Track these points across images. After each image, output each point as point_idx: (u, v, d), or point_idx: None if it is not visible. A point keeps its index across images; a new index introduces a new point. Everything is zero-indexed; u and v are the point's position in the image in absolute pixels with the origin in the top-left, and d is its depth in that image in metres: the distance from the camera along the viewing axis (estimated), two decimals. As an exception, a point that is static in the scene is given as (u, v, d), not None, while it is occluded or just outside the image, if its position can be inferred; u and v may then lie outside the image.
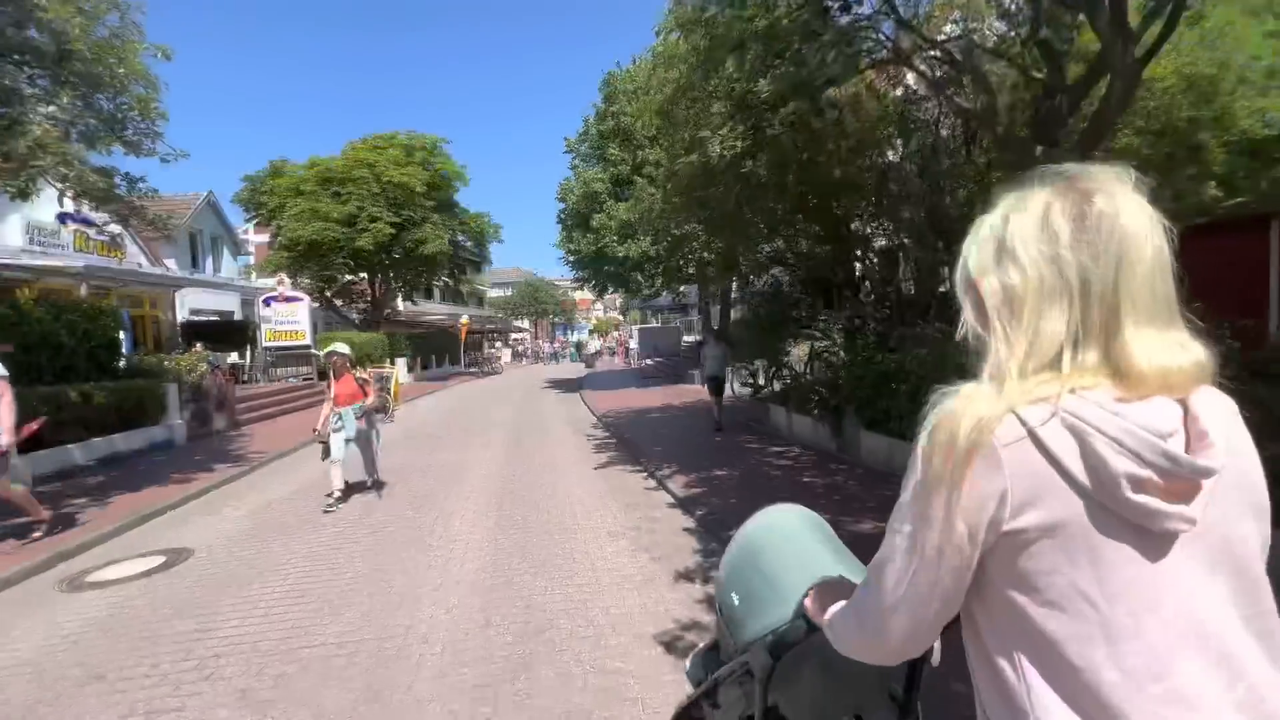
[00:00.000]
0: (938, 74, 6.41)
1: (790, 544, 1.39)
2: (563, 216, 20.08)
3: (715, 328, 9.37)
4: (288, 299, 19.51)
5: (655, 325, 32.67)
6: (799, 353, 11.56)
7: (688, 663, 1.69)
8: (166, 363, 13.41)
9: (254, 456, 9.96)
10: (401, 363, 25.93)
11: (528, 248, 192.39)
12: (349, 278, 26.95)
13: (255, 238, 36.94)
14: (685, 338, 26.25)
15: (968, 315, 0.83)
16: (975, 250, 0.82)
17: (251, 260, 33.45)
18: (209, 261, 25.56)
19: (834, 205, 7.84)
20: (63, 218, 15.42)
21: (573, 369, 33.19)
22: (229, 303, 25.05)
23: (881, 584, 0.83)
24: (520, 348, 45.29)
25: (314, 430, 6.71)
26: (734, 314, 24.21)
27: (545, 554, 4.90)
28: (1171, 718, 0.69)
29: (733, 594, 1.39)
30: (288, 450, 10.58)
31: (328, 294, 26.61)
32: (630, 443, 9.62)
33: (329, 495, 6.56)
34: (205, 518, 6.60)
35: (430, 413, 15.72)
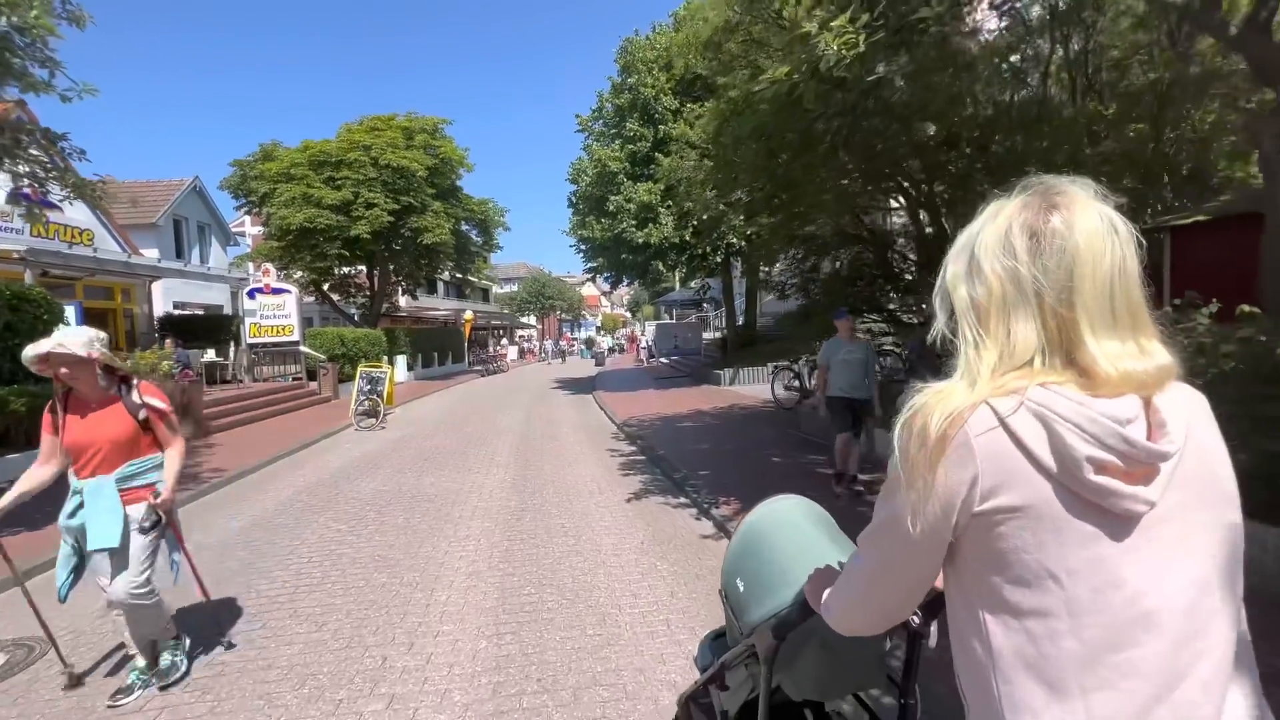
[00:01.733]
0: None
1: (792, 533, 1.43)
2: (575, 200, 18.24)
3: (845, 307, 5.80)
4: (274, 290, 17.78)
5: (669, 321, 30.79)
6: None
7: (695, 650, 1.77)
8: (127, 361, 11.72)
9: (211, 476, 8.21)
10: (401, 360, 24.20)
11: (534, 243, 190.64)
12: (346, 270, 25.24)
13: (253, 229, 35.37)
14: (704, 334, 24.39)
15: (941, 320, 0.86)
16: (952, 260, 0.86)
17: (249, 251, 31.84)
18: (195, 252, 23.93)
19: (940, 163, 6.02)
20: (15, 197, 13.76)
21: (581, 367, 31.39)
22: (218, 296, 23.37)
23: (870, 554, 0.91)
24: (527, 345, 42.95)
25: None
26: (760, 307, 22.36)
27: (577, 676, 3.09)
28: (1124, 688, 0.73)
29: (738, 580, 1.43)
30: (255, 466, 8.84)
31: (324, 287, 24.91)
32: (665, 462, 7.81)
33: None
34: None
35: (427, 419, 13.96)
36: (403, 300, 32.07)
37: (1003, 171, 5.80)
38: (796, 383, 11.40)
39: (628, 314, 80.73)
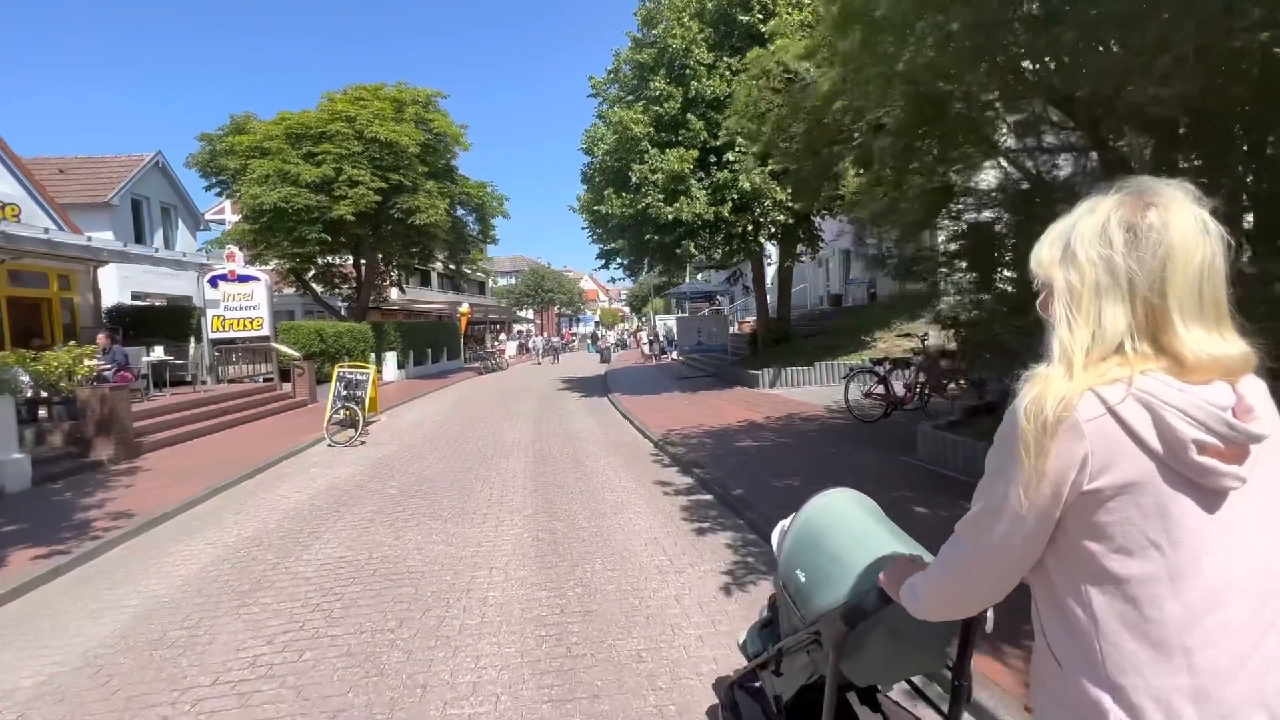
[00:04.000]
0: None
1: (849, 525, 1.51)
2: (589, 173, 15.82)
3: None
4: (240, 278, 15.35)
5: (684, 315, 28.41)
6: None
7: (742, 637, 1.87)
8: (37, 364, 9.30)
9: (106, 527, 5.83)
10: (390, 358, 21.79)
11: (533, 236, 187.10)
12: (330, 259, 22.76)
13: (234, 215, 32.76)
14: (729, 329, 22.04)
15: (1039, 282, 0.95)
16: (1046, 245, 0.94)
17: (221, 235, 29.25)
18: (158, 236, 21.42)
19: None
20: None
21: (580, 365, 29.02)
22: (185, 285, 20.85)
23: (975, 539, 0.95)
24: (528, 341, 40.24)
25: None
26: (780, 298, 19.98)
27: None
28: (1223, 644, 0.81)
29: (798, 571, 1.49)
30: (176, 507, 6.45)
31: (306, 277, 22.45)
32: (751, 509, 5.49)
33: None
34: None
35: (417, 430, 11.58)
36: (393, 293, 29.62)
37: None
38: (881, 389, 9.09)
39: (626, 309, 78.26)
